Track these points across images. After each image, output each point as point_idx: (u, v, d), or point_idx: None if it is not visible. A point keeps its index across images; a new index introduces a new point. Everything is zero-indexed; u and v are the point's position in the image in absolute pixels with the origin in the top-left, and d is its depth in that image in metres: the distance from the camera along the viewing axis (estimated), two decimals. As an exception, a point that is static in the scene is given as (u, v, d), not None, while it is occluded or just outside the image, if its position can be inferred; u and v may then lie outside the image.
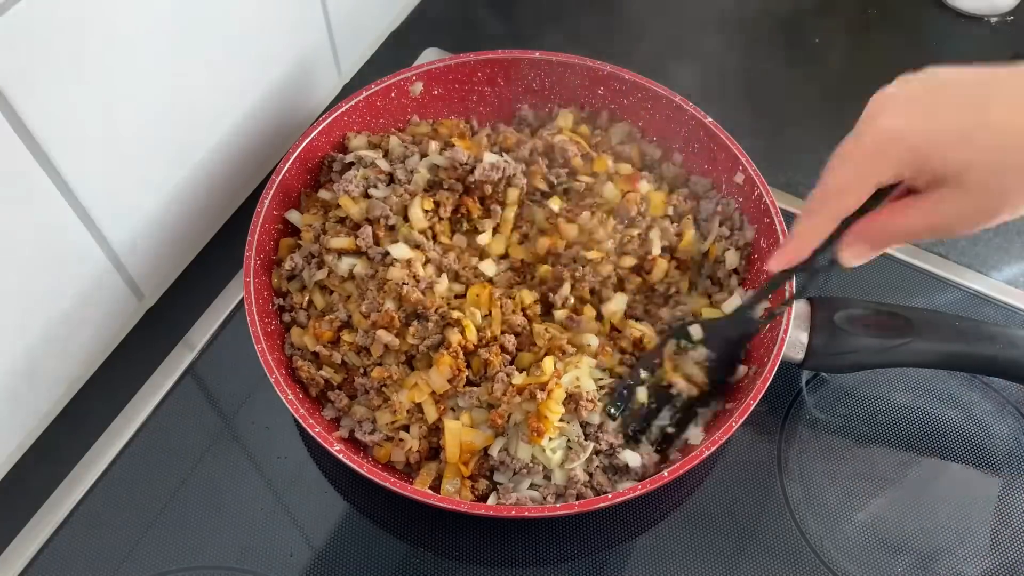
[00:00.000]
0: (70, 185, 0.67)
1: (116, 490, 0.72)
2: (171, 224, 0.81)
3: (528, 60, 0.89)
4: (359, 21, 1.01)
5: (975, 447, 0.77)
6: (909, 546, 0.71)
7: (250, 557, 0.70)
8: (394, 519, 0.72)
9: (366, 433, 0.71)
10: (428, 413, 0.70)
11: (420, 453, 0.70)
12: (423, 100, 0.89)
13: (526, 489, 0.68)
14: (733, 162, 0.82)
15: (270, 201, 0.78)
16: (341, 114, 0.83)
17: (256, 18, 0.81)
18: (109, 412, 0.76)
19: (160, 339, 0.81)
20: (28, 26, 0.58)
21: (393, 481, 0.64)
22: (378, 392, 0.72)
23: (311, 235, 0.78)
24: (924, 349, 0.71)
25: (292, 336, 0.75)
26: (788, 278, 0.69)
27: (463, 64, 0.88)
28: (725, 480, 0.74)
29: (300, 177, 0.82)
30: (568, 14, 1.11)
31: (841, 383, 0.80)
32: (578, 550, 0.71)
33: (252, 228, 0.76)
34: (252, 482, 0.73)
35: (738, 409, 0.66)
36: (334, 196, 0.79)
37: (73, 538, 0.70)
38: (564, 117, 0.89)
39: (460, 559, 0.70)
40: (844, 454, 0.76)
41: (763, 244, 0.79)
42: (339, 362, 0.73)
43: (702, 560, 0.70)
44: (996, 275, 0.88)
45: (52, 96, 0.62)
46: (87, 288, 0.74)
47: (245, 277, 0.73)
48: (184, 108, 0.76)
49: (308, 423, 0.66)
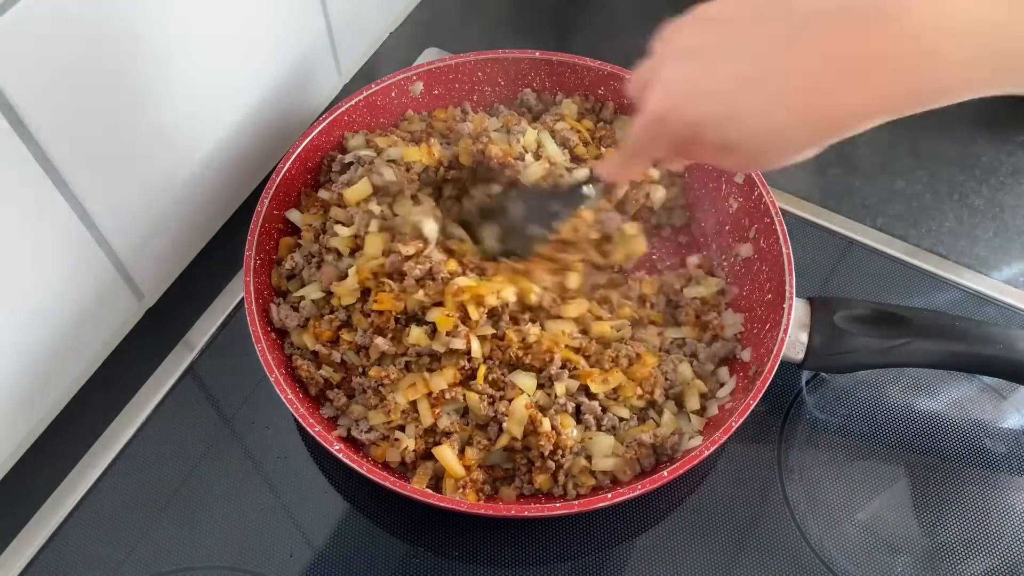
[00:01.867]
0: (70, 185, 0.67)
1: (116, 490, 0.72)
2: (171, 224, 0.81)
3: (528, 60, 0.89)
4: (359, 21, 1.01)
5: (975, 447, 0.77)
6: (909, 546, 0.71)
7: (250, 557, 0.70)
8: (394, 518, 0.72)
9: (362, 432, 0.71)
10: (423, 416, 0.70)
11: (416, 452, 0.70)
12: (423, 100, 0.89)
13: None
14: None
15: (270, 201, 0.78)
16: (341, 113, 0.84)
17: (256, 18, 0.81)
18: (109, 412, 0.76)
19: (160, 339, 0.81)
20: (28, 26, 0.58)
21: (393, 480, 0.64)
22: (375, 391, 0.72)
23: (311, 235, 0.78)
24: (924, 349, 0.71)
25: (292, 336, 0.75)
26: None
27: (463, 64, 0.89)
28: (725, 480, 0.74)
29: (300, 177, 0.82)
30: (569, 13, 1.11)
31: (841, 383, 0.80)
32: (578, 549, 0.71)
33: (252, 228, 0.76)
34: (252, 482, 0.73)
35: (738, 409, 0.66)
36: (333, 196, 0.79)
37: (73, 538, 0.70)
38: (568, 106, 0.89)
39: (460, 558, 0.70)
40: (844, 454, 0.76)
41: (763, 244, 0.79)
42: (338, 361, 0.73)
43: (702, 560, 0.70)
44: (996, 275, 0.88)
45: (52, 96, 0.62)
46: (87, 288, 0.74)
47: (245, 276, 0.73)
48: (185, 108, 0.76)
49: (308, 422, 0.66)
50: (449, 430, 0.69)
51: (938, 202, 0.94)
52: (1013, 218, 0.93)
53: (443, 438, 0.69)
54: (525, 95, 0.91)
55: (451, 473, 0.68)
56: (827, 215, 0.92)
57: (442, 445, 0.68)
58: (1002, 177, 0.97)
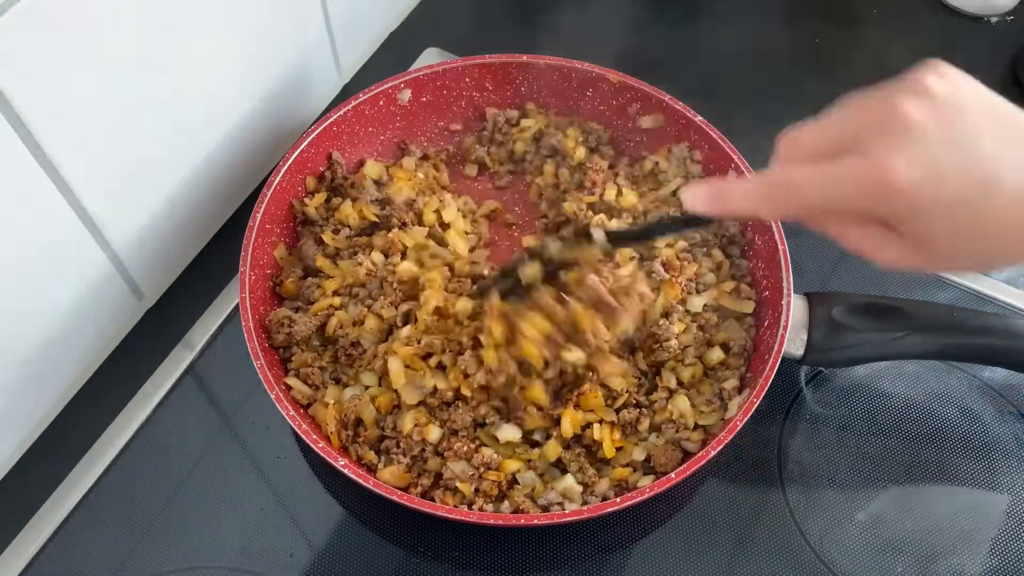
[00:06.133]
0: (70, 185, 0.67)
1: (116, 490, 0.72)
2: (171, 224, 0.81)
3: (516, 64, 0.89)
4: (359, 21, 1.01)
5: (976, 447, 0.77)
6: (909, 546, 0.71)
7: (250, 557, 0.70)
8: (394, 521, 0.71)
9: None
10: (405, 425, 0.69)
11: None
12: (411, 107, 0.89)
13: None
14: (725, 160, 0.82)
15: (262, 216, 0.77)
16: (330, 125, 0.83)
17: (256, 18, 0.81)
18: (109, 412, 0.76)
19: (160, 339, 0.81)
20: (28, 26, 0.58)
21: (400, 494, 0.64)
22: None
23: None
24: (923, 340, 0.72)
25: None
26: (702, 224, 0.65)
27: (450, 70, 0.88)
28: (725, 480, 0.74)
29: (291, 190, 0.82)
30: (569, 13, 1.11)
31: (841, 383, 0.80)
32: (577, 554, 0.71)
33: (245, 244, 0.75)
34: (252, 482, 0.73)
35: (743, 406, 0.67)
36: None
37: (73, 538, 0.70)
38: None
39: (459, 562, 0.70)
40: (844, 454, 0.76)
41: (758, 242, 0.79)
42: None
43: (702, 560, 0.70)
44: (996, 275, 0.88)
45: (52, 96, 0.62)
46: (87, 288, 0.74)
47: (240, 293, 0.72)
48: (186, 108, 0.76)
49: (311, 439, 0.65)
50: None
51: (938, 202, 0.94)
52: (1013, 218, 0.93)
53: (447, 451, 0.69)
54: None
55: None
56: (827, 215, 0.92)
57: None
58: (1002, 177, 0.96)
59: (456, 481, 0.67)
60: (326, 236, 0.80)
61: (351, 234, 0.81)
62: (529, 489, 0.68)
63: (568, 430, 0.69)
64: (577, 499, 0.68)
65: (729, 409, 0.71)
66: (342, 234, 0.81)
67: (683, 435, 0.70)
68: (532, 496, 0.68)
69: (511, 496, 0.68)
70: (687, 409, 0.72)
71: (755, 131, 0.91)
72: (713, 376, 0.75)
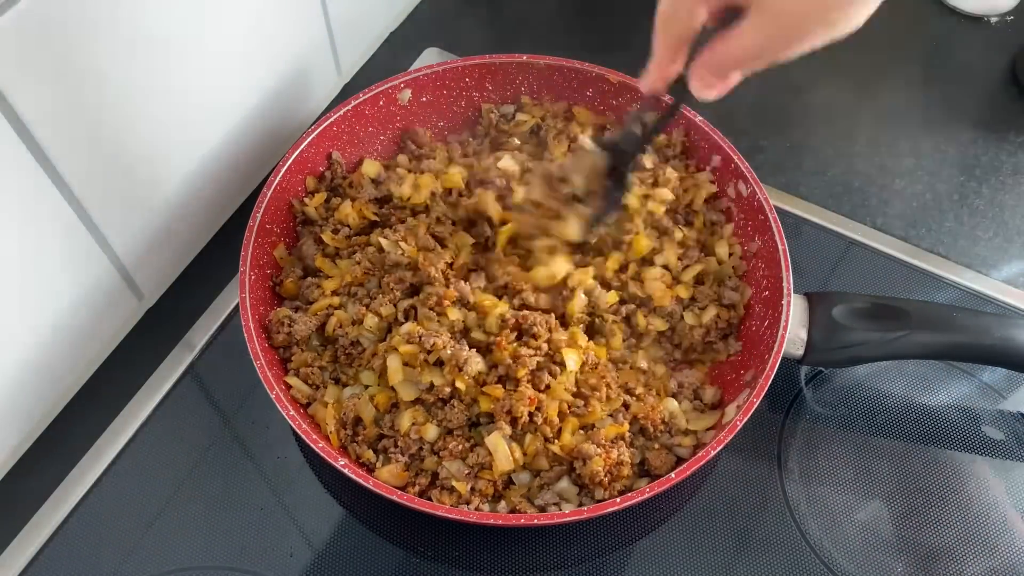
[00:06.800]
0: (70, 185, 0.67)
1: (116, 490, 0.72)
2: (172, 224, 0.81)
3: (516, 64, 0.89)
4: (359, 21, 1.01)
5: (976, 447, 0.77)
6: (909, 546, 0.71)
7: (250, 557, 0.70)
8: (394, 520, 0.72)
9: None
10: (403, 423, 0.69)
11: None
12: (411, 107, 0.89)
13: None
14: (726, 160, 0.82)
15: (262, 216, 0.77)
16: (330, 125, 0.83)
17: (256, 19, 0.81)
18: (109, 412, 0.76)
19: (160, 339, 0.81)
20: (28, 26, 0.58)
21: (399, 494, 0.64)
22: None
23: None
24: (923, 341, 0.72)
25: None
26: (670, 113, 0.67)
27: (450, 70, 0.88)
28: (725, 480, 0.74)
29: (291, 190, 0.82)
30: (569, 12, 1.11)
31: (841, 383, 0.80)
32: (578, 555, 0.71)
33: (245, 243, 0.75)
34: (252, 482, 0.73)
35: (743, 406, 0.67)
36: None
37: (73, 538, 0.70)
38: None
39: (460, 564, 0.70)
40: (844, 454, 0.76)
41: (759, 242, 0.79)
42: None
43: (702, 560, 0.70)
44: (996, 275, 0.88)
45: (52, 96, 0.62)
46: (87, 288, 0.74)
47: (240, 293, 0.72)
48: (186, 108, 0.76)
49: (311, 439, 0.65)
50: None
51: (938, 202, 0.94)
52: (1013, 218, 0.93)
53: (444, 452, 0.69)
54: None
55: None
56: (827, 215, 0.92)
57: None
58: (1002, 177, 0.97)
59: (452, 480, 0.67)
60: (326, 236, 0.80)
61: (350, 234, 0.81)
62: (525, 489, 0.68)
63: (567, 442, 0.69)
64: (573, 500, 0.68)
65: (728, 412, 0.72)
66: (341, 234, 0.81)
67: (676, 440, 0.71)
68: (528, 497, 0.68)
69: (507, 496, 0.68)
70: (676, 409, 0.72)
71: (755, 131, 0.92)
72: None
